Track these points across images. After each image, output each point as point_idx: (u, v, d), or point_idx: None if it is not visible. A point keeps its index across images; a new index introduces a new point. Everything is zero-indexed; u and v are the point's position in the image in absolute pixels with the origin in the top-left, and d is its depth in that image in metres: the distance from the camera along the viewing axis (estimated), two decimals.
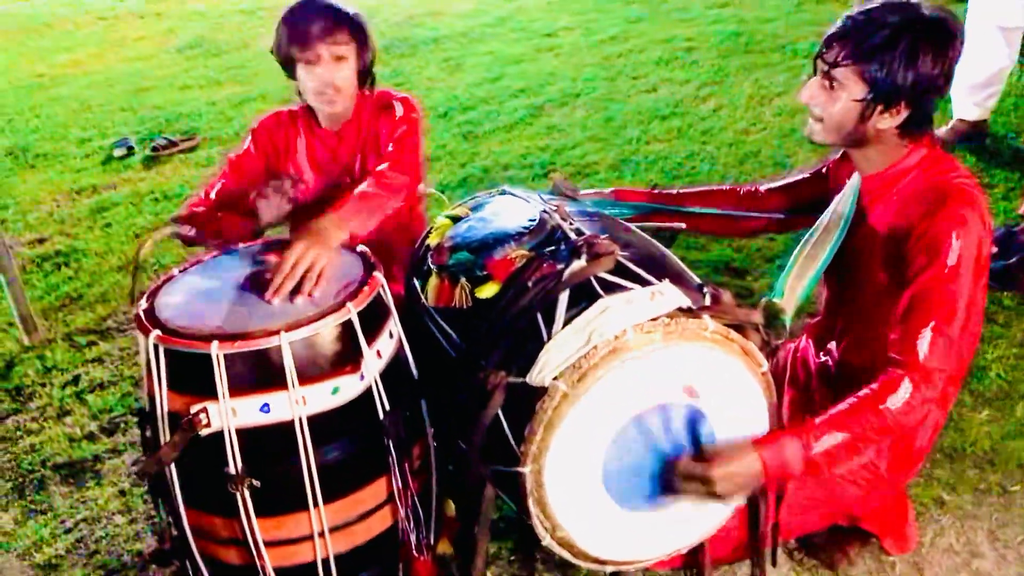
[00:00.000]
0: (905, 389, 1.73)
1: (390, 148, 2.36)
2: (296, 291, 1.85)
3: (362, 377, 1.83)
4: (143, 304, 1.87)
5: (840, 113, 1.86)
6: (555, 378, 1.61)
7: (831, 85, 1.86)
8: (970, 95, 4.39)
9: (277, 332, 1.72)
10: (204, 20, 8.23)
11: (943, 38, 1.79)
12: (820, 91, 1.89)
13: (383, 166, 2.27)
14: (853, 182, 2.04)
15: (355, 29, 2.36)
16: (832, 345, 2.20)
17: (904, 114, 1.84)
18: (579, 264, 1.73)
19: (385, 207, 2.18)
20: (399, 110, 2.44)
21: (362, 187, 2.18)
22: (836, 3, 6.81)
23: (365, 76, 2.43)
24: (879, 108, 1.83)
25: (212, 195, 2.43)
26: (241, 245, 2.10)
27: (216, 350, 1.70)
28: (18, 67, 7.36)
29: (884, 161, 1.94)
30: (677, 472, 1.70)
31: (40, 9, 9.00)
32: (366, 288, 1.86)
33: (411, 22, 7.54)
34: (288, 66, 2.40)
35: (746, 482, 1.71)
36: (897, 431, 1.76)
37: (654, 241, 1.99)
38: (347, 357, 1.81)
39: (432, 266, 1.98)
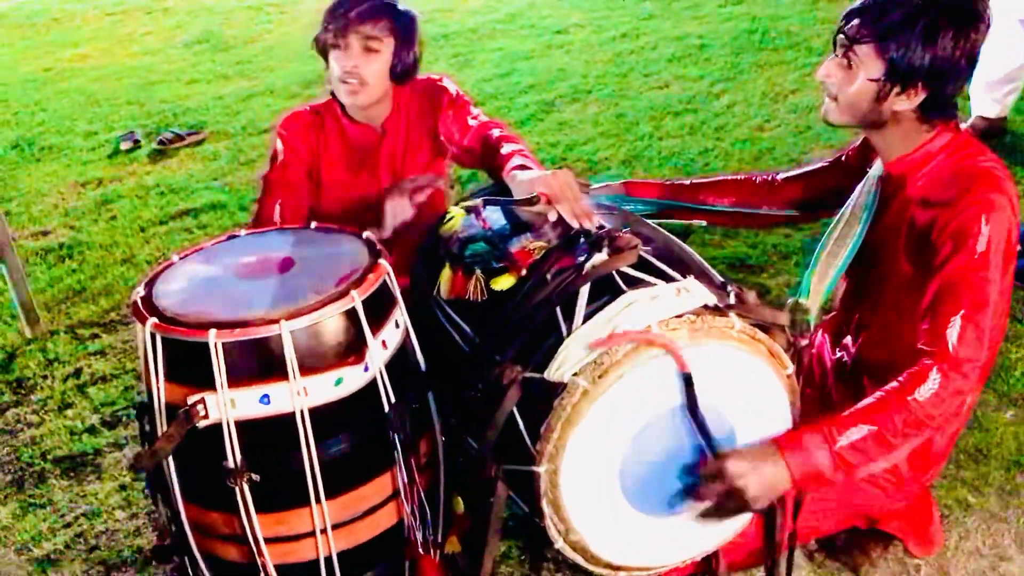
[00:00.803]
0: (933, 379, 1.65)
1: (474, 122, 2.32)
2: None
3: (366, 368, 1.76)
4: (140, 291, 1.81)
5: (856, 92, 1.79)
6: (575, 374, 1.55)
7: (848, 63, 1.79)
8: (989, 91, 4.32)
9: (277, 320, 1.66)
10: (211, 15, 8.19)
11: (966, 19, 1.72)
12: (837, 69, 1.82)
13: (509, 146, 2.16)
14: (875, 170, 1.97)
15: (397, 24, 2.29)
16: (848, 340, 2.12)
17: (921, 96, 1.76)
18: (600, 257, 1.67)
19: None
20: (451, 88, 2.43)
21: (518, 160, 2.08)
22: (850, 1, 6.73)
23: (403, 74, 2.35)
24: (895, 89, 1.75)
25: (276, 219, 2.31)
26: (242, 232, 2.04)
27: (214, 338, 1.64)
28: (25, 61, 7.33)
29: (906, 146, 1.86)
30: (701, 475, 1.64)
31: (48, 4, 8.97)
32: (371, 275, 1.79)
33: (420, 18, 7.44)
34: (322, 52, 2.33)
35: (772, 483, 1.63)
36: (930, 424, 1.67)
37: (674, 237, 1.93)
38: (351, 347, 1.75)
39: (445, 257, 1.91)
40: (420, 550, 1.93)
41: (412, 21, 2.35)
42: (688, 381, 1.59)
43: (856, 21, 1.77)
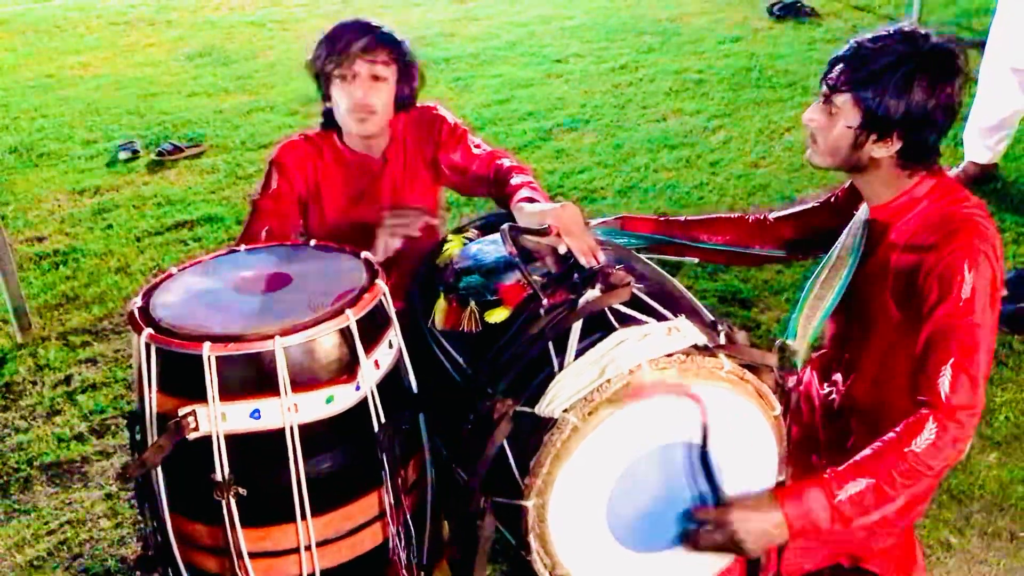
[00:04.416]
0: (930, 430, 1.66)
1: (480, 151, 2.34)
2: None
3: (358, 387, 1.77)
4: (138, 301, 1.82)
5: (835, 138, 1.83)
6: (565, 410, 1.56)
7: (830, 109, 1.83)
8: (982, 138, 4.38)
9: (271, 336, 1.67)
10: (214, 29, 8.23)
11: (942, 72, 1.76)
12: (820, 114, 1.86)
13: (519, 177, 2.18)
14: (861, 214, 1.99)
15: (398, 53, 2.31)
16: (838, 378, 2.14)
17: (897, 145, 1.80)
18: (593, 294, 1.69)
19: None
20: (449, 118, 2.43)
21: (527, 192, 2.10)
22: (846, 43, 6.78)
23: (404, 103, 2.38)
24: (872, 137, 1.79)
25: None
26: (242, 247, 2.05)
27: (208, 352, 1.65)
28: (27, 67, 7.36)
29: (890, 191, 1.89)
30: (701, 522, 1.65)
31: (52, 11, 9.01)
32: (367, 295, 1.80)
33: (422, 41, 7.53)
34: (322, 83, 2.34)
35: (771, 536, 1.65)
36: (928, 474, 1.68)
37: (667, 274, 1.94)
38: (343, 366, 1.76)
39: (440, 287, 1.93)
40: (402, 572, 1.93)
41: (410, 52, 2.37)
42: (705, 432, 1.61)
43: (837, 69, 1.81)
